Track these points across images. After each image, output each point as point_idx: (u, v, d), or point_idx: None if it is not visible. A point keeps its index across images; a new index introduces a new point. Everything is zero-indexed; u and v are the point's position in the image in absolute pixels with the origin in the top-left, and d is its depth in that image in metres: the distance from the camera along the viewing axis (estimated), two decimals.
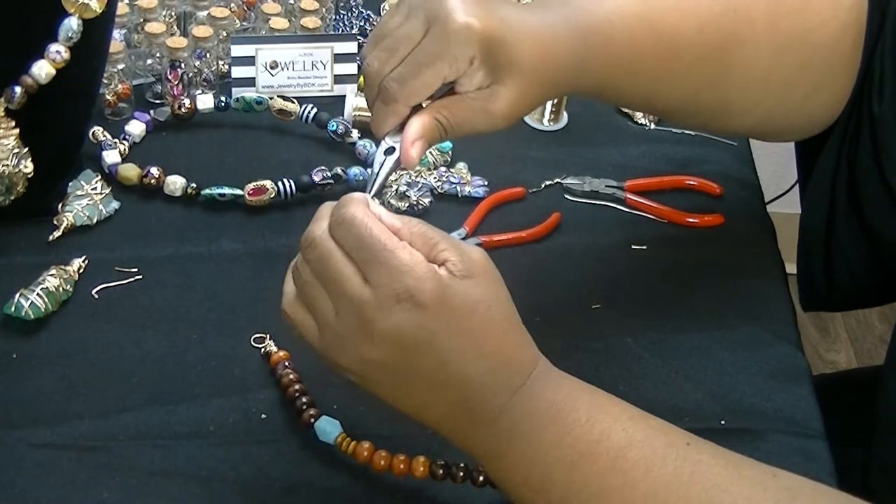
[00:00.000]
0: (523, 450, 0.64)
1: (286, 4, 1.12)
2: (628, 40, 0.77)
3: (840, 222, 0.88)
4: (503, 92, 0.71)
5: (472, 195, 0.99)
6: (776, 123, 0.88)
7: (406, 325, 0.62)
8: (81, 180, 0.94)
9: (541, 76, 0.73)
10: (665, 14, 0.79)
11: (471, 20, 0.69)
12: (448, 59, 0.69)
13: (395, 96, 0.70)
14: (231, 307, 0.86)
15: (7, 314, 0.82)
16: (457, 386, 0.64)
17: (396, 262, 0.62)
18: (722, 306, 0.91)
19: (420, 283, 0.62)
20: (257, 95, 1.03)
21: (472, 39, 0.69)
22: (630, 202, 1.00)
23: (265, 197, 0.95)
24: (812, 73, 0.83)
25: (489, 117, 0.72)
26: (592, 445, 0.64)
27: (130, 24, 1.07)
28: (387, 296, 0.62)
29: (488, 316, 0.64)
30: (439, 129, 0.71)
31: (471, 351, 0.64)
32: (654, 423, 0.66)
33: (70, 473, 0.74)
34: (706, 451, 0.65)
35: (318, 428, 0.77)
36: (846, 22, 0.82)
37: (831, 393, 0.90)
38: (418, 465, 0.74)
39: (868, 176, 0.84)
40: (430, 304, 0.62)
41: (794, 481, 0.65)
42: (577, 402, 0.65)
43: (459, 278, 0.63)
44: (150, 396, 0.79)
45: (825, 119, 0.87)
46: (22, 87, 0.86)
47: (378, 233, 0.63)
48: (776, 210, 1.06)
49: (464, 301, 0.63)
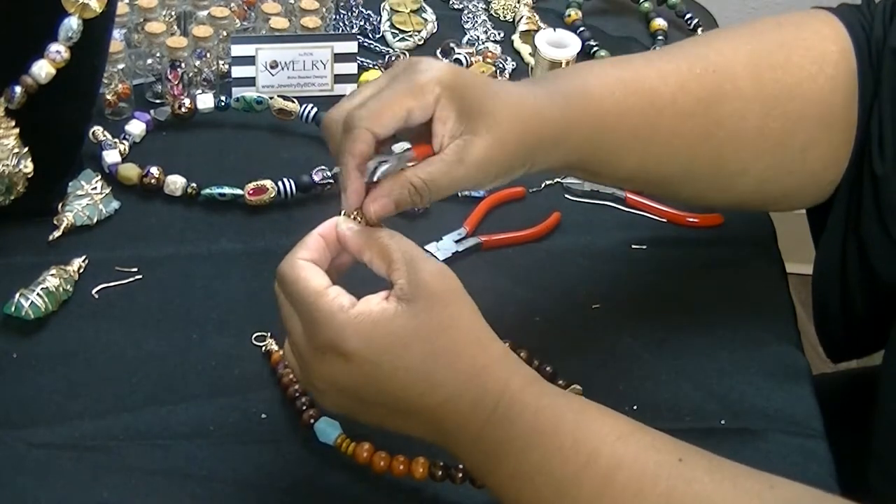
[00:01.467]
0: (509, 473, 0.64)
1: (286, 4, 1.12)
2: (609, 99, 0.77)
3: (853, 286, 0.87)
4: (476, 141, 0.70)
5: (472, 195, 0.99)
6: (777, 185, 0.85)
7: (338, 374, 0.64)
8: (81, 180, 0.94)
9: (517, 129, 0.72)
10: (644, 75, 0.79)
11: (438, 64, 0.70)
12: (415, 93, 0.68)
13: (360, 121, 0.67)
14: (231, 307, 0.86)
15: (7, 314, 0.82)
16: (423, 415, 0.65)
17: (317, 315, 0.64)
18: (722, 306, 0.91)
19: (338, 334, 0.63)
20: (257, 95, 1.03)
21: (439, 79, 0.69)
22: (630, 202, 1.00)
23: (265, 197, 0.95)
24: (806, 125, 0.82)
25: (466, 169, 0.70)
26: (580, 469, 0.62)
27: (130, 24, 1.07)
28: (315, 347, 0.65)
29: (430, 346, 0.64)
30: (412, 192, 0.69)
31: (420, 383, 0.64)
32: (645, 439, 0.64)
33: (70, 473, 0.74)
34: (700, 466, 0.63)
35: (317, 429, 0.77)
36: (834, 76, 0.82)
37: (831, 393, 0.90)
38: (418, 466, 0.74)
39: (874, 237, 0.83)
40: (354, 352, 0.63)
41: (792, 492, 0.63)
42: (561, 425, 0.64)
43: (393, 309, 0.63)
44: (150, 396, 0.79)
45: (828, 178, 0.85)
46: (22, 87, 0.86)
47: (302, 287, 0.65)
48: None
49: (395, 338, 0.63)
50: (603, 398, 0.75)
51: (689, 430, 0.66)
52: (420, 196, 0.69)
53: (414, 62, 0.71)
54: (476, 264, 0.93)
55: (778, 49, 0.82)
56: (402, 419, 0.66)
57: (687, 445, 0.65)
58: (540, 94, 0.75)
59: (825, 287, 0.89)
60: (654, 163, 0.81)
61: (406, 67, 0.70)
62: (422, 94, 0.69)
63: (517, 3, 1.21)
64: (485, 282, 0.90)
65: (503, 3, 1.21)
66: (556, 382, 0.81)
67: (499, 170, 0.72)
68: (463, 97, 0.69)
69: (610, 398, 0.75)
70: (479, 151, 0.70)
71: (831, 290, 0.88)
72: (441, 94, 0.69)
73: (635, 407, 0.81)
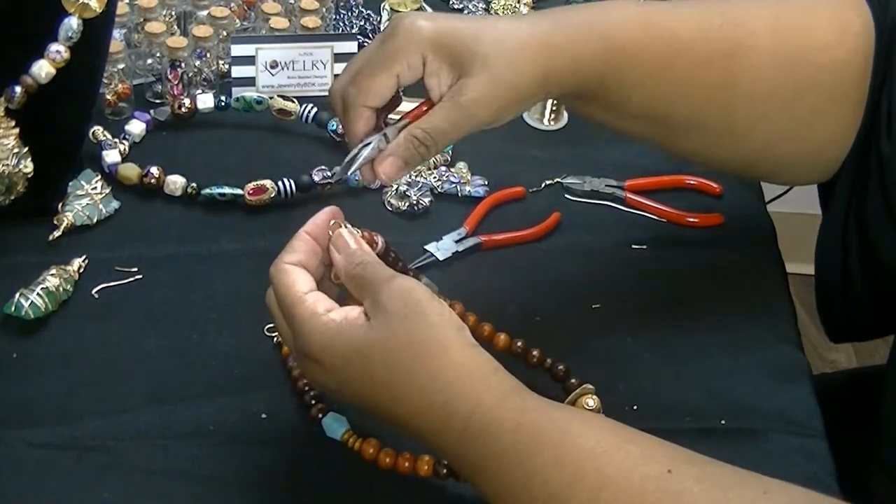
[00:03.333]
0: (495, 488, 0.63)
1: (286, 4, 1.12)
2: (626, 32, 0.77)
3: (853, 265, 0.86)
4: (470, 82, 0.71)
5: (472, 195, 0.99)
6: (784, 149, 0.85)
7: (317, 377, 0.68)
8: (81, 180, 0.94)
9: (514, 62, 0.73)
10: (665, 17, 0.79)
11: (419, 22, 0.72)
12: (399, 56, 0.71)
13: (354, 99, 0.72)
14: (231, 307, 0.86)
15: (7, 314, 0.82)
16: (399, 422, 0.66)
17: (294, 321, 0.67)
18: (722, 306, 0.91)
19: (307, 339, 0.66)
20: (257, 95, 1.03)
21: (421, 36, 0.71)
22: (630, 202, 1.00)
23: (265, 196, 0.95)
24: (816, 92, 0.82)
25: (467, 113, 0.72)
26: (564, 489, 0.61)
27: (130, 24, 1.07)
28: (295, 350, 0.68)
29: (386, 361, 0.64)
30: (416, 145, 0.71)
31: (386, 394, 0.65)
32: (633, 451, 0.62)
33: (70, 473, 0.74)
34: (691, 475, 0.61)
35: (325, 424, 0.77)
36: (853, 49, 0.81)
37: (832, 392, 0.90)
38: (423, 464, 0.74)
39: (878, 217, 0.83)
40: (320, 358, 0.66)
41: (787, 497, 0.61)
42: (543, 444, 0.62)
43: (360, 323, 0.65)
44: (150, 396, 0.79)
45: (833, 153, 0.85)
46: (22, 87, 0.86)
47: (284, 293, 0.67)
48: (776, 210, 1.06)
49: (356, 346, 0.65)
50: (603, 398, 0.75)
51: (689, 430, 0.66)
52: (426, 147, 0.71)
53: (396, 23, 0.72)
54: (476, 264, 0.93)
55: (801, 12, 0.82)
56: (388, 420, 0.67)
57: (679, 453, 0.63)
58: (544, 25, 0.75)
59: (827, 265, 0.89)
60: (664, 103, 0.81)
61: (391, 30, 0.72)
62: (406, 55, 0.71)
63: (517, 4, 1.21)
64: (485, 282, 0.91)
65: (503, 3, 1.21)
66: (569, 381, 0.80)
67: (502, 103, 0.73)
68: (450, 46, 0.71)
69: (610, 398, 0.75)
70: (474, 91, 0.72)
71: (832, 268, 0.88)
72: (426, 51, 0.71)
73: (635, 407, 0.81)
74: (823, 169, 0.86)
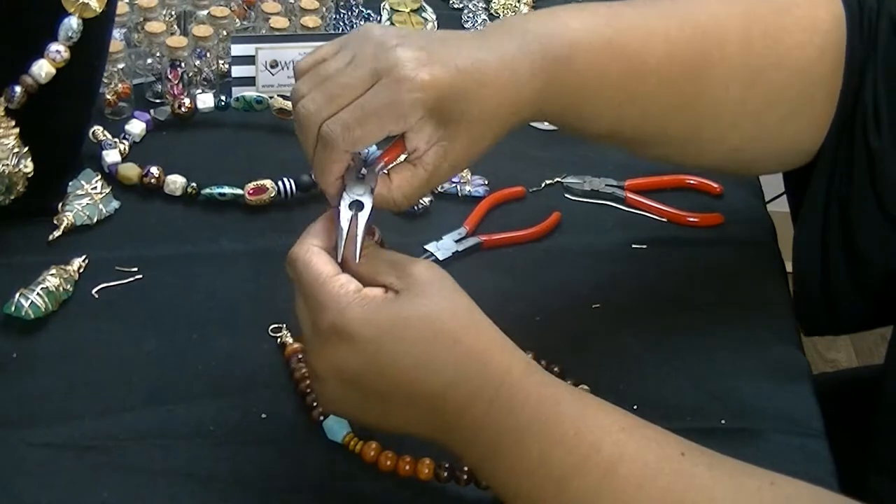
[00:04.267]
0: (511, 465, 0.64)
1: (286, 3, 1.12)
2: (592, 66, 0.75)
3: (834, 254, 0.86)
4: (455, 147, 0.70)
5: (472, 194, 0.99)
6: (753, 152, 0.85)
7: (340, 359, 0.64)
8: (81, 180, 0.94)
9: (499, 118, 0.72)
10: (631, 37, 0.77)
11: (425, 77, 0.67)
12: (396, 113, 0.67)
13: (336, 142, 0.67)
14: (231, 307, 0.86)
15: (7, 314, 0.82)
16: (424, 402, 0.65)
17: (323, 297, 0.65)
18: (722, 306, 0.91)
19: (341, 315, 0.64)
20: (257, 95, 1.03)
21: (424, 97, 0.67)
22: (630, 201, 1.00)
23: (265, 196, 0.95)
24: (788, 97, 0.81)
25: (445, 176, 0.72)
26: (582, 461, 0.62)
27: (130, 24, 1.07)
28: (318, 334, 0.65)
29: (429, 329, 0.64)
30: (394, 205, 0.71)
31: (421, 367, 0.64)
32: (648, 433, 0.65)
33: (70, 473, 0.74)
34: (702, 461, 0.63)
35: (326, 426, 0.77)
36: (823, 47, 0.81)
37: (832, 392, 0.90)
38: (423, 467, 0.74)
39: (864, 209, 0.83)
40: (356, 333, 0.64)
41: (794, 489, 0.63)
42: (564, 415, 0.64)
43: (392, 297, 0.64)
44: (150, 396, 0.79)
45: (805, 147, 0.85)
46: (22, 87, 0.86)
47: (310, 270, 0.66)
48: (776, 210, 1.06)
49: (396, 319, 0.64)
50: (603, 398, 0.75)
51: (690, 430, 0.66)
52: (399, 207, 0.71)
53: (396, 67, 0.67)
54: (476, 264, 0.93)
55: (771, 14, 0.81)
56: (401, 410, 0.66)
57: (688, 442, 0.65)
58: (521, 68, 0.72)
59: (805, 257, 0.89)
60: (629, 126, 0.80)
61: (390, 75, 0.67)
62: (405, 118, 0.68)
63: (517, 3, 1.21)
64: (485, 282, 0.91)
65: (503, 3, 1.21)
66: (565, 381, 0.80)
67: (468, 161, 0.73)
68: (441, 108, 0.68)
69: (610, 398, 0.75)
70: (456, 157, 0.71)
71: (812, 261, 0.88)
72: (423, 112, 0.68)
73: (635, 407, 0.80)
74: (796, 160, 0.86)
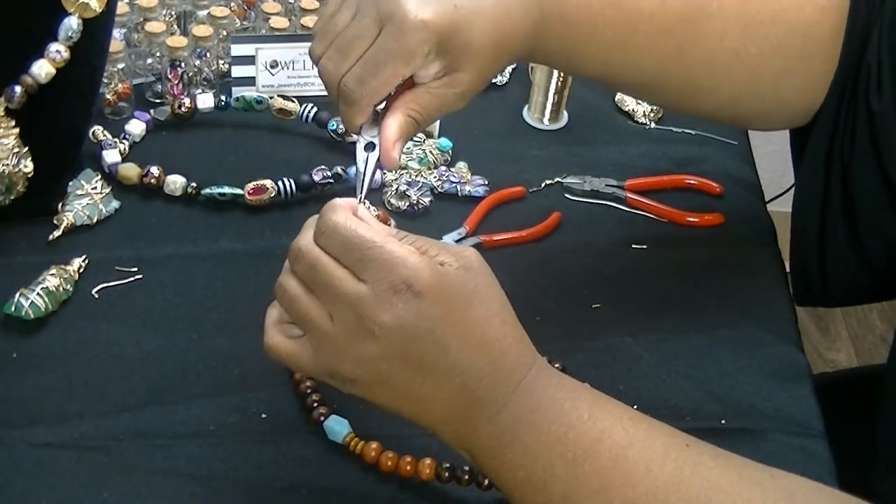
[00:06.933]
0: (527, 444, 0.64)
1: (286, 4, 1.12)
2: (583, 10, 0.78)
3: (833, 218, 0.87)
4: (462, 77, 0.74)
5: (472, 194, 0.99)
6: (746, 106, 0.86)
7: (406, 315, 0.63)
8: (81, 180, 0.94)
9: (496, 53, 0.75)
10: None
11: (426, 16, 0.70)
12: (405, 56, 0.70)
13: (356, 97, 0.71)
14: (231, 307, 0.86)
15: (7, 314, 0.82)
16: (460, 376, 0.64)
17: (388, 256, 0.63)
18: (722, 306, 0.91)
19: (416, 272, 0.63)
20: (257, 95, 1.03)
21: (427, 35, 0.71)
22: (630, 201, 1.00)
23: (265, 196, 0.95)
24: (785, 53, 0.82)
25: (453, 100, 0.75)
26: (594, 443, 0.64)
27: (130, 24, 1.07)
28: (383, 289, 0.63)
29: (486, 306, 0.64)
30: (413, 125, 0.73)
31: (472, 339, 0.64)
32: (654, 423, 0.66)
33: (70, 473, 0.74)
34: (706, 452, 0.65)
35: (327, 427, 0.77)
36: (824, 7, 0.81)
37: (832, 392, 0.90)
38: (424, 467, 0.74)
39: (865, 172, 0.83)
40: (427, 293, 0.63)
41: (792, 482, 0.65)
42: (579, 400, 0.65)
43: (455, 270, 0.64)
44: (150, 396, 0.79)
45: (802, 107, 0.85)
46: (22, 87, 0.86)
47: (364, 232, 0.64)
48: (776, 210, 1.06)
49: (462, 290, 0.64)
50: None
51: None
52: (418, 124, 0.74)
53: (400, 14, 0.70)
54: None
55: None
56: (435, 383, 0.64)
57: (691, 436, 0.66)
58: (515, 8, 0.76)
59: (804, 220, 0.89)
60: (621, 73, 0.83)
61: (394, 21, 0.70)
62: (413, 58, 0.71)
63: None
64: None
65: None
66: None
67: (477, 90, 0.76)
68: (446, 42, 0.72)
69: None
70: (464, 86, 0.74)
71: (810, 224, 0.88)
72: (431, 48, 0.71)
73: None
74: (794, 119, 0.87)
